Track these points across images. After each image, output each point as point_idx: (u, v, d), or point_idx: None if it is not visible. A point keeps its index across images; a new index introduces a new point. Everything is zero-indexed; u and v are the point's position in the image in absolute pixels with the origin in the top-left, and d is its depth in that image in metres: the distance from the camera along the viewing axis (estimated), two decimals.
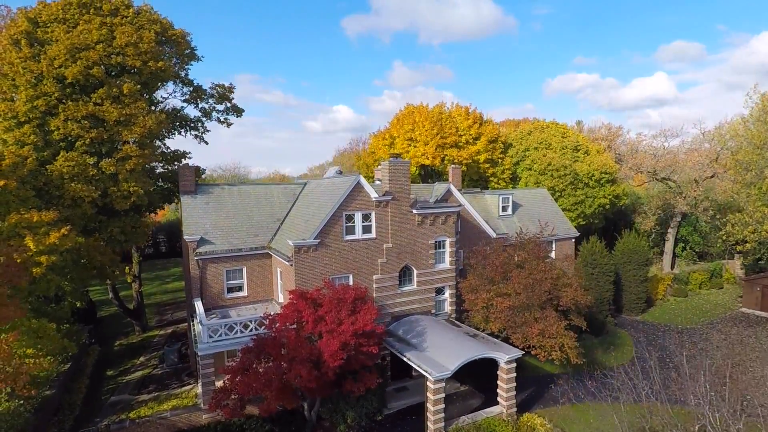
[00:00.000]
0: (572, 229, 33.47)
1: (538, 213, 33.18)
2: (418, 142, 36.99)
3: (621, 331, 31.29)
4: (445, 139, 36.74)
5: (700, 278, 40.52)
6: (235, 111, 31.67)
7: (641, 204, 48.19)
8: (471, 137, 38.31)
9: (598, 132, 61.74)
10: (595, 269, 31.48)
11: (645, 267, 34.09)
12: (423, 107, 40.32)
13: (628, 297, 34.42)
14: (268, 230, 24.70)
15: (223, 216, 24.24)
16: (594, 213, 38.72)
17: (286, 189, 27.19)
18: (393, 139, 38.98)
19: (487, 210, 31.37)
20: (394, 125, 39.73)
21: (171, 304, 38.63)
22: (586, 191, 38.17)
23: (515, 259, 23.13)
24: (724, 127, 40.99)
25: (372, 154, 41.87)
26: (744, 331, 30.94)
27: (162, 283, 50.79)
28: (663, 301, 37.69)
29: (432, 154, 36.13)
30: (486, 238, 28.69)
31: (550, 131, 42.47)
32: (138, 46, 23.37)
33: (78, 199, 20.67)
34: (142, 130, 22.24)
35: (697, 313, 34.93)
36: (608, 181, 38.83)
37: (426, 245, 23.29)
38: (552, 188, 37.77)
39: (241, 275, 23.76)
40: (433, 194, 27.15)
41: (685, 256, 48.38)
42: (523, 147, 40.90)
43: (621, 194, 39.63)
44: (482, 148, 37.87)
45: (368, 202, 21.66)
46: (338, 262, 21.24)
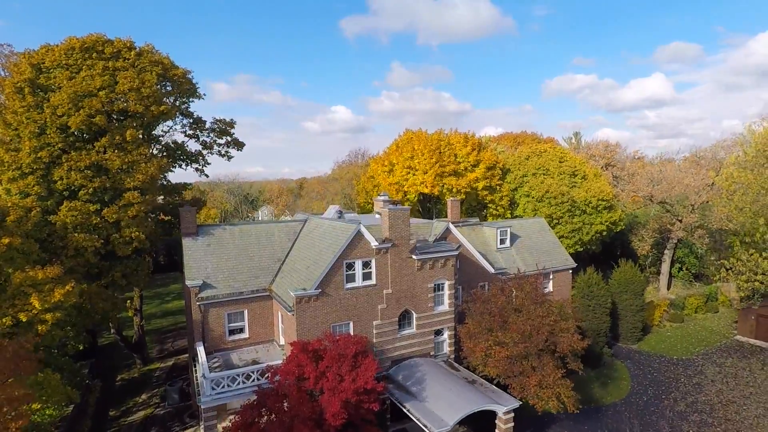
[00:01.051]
0: (569, 260, 33.83)
1: (536, 244, 33.53)
2: (417, 171, 37.29)
3: (617, 362, 31.66)
4: (444, 167, 37.05)
5: (695, 303, 40.95)
6: (236, 145, 31.93)
7: (638, 224, 48.58)
8: (470, 164, 38.63)
9: (595, 149, 62.20)
10: (592, 301, 31.83)
11: (641, 296, 34.47)
12: (422, 134, 40.64)
13: (624, 326, 34.81)
14: (269, 271, 24.97)
15: (224, 258, 24.50)
16: (591, 240, 39.11)
17: (287, 227, 27.45)
18: (392, 166, 39.26)
19: (486, 243, 31.69)
20: (393, 152, 40.01)
21: (172, 331, 38.86)
22: (583, 218, 38.55)
23: (514, 303, 23.44)
24: (720, 163, 41.55)
25: (371, 179, 42.15)
26: (738, 362, 31.34)
27: (162, 302, 51.01)
28: (659, 328, 38.10)
29: (431, 182, 36.44)
30: (484, 273, 29.04)
31: (547, 156, 42.82)
32: (140, 90, 23.61)
33: (81, 249, 20.89)
34: (145, 177, 22.49)
35: (692, 341, 35.34)
36: (605, 208, 39.21)
37: (425, 289, 23.61)
38: (550, 216, 38.12)
39: (243, 318, 24.04)
40: (432, 232, 27.45)
41: (682, 276, 48.86)
42: (521, 173, 41.24)
43: (617, 220, 40.00)
44: (481, 175, 38.20)
45: (368, 249, 21.95)
46: (339, 310, 21.54)
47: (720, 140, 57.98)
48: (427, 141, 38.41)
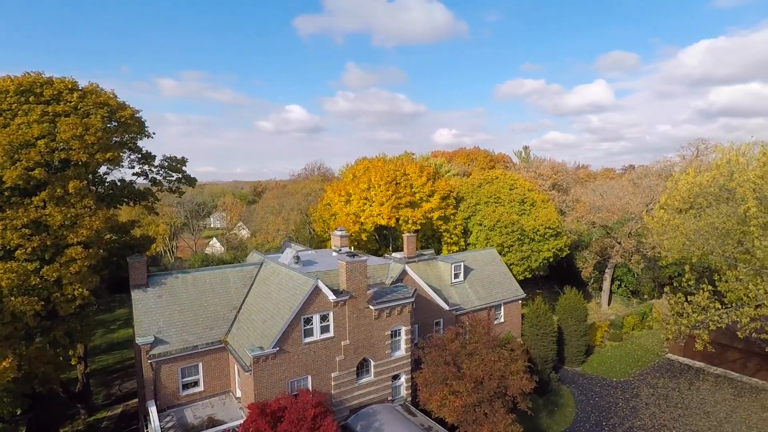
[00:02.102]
0: (519, 290, 35.46)
1: (489, 276, 34.89)
2: (374, 202, 37.74)
3: (563, 387, 33.57)
4: (401, 199, 37.73)
5: (632, 321, 44.03)
6: (188, 182, 31.01)
7: (583, 245, 51.45)
8: (425, 194, 39.54)
9: (543, 168, 65.28)
10: (540, 330, 33.55)
11: (584, 322, 36.69)
12: (379, 163, 41.15)
13: (569, 349, 36.92)
14: (225, 320, 24.54)
15: (177, 310, 23.83)
16: (539, 266, 41.12)
17: (242, 272, 27.03)
18: (349, 196, 39.49)
19: (440, 278, 32.62)
20: (350, 182, 40.24)
21: (119, 371, 37.12)
22: (532, 246, 40.46)
23: (467, 347, 24.34)
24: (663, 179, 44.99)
25: (327, 207, 42.17)
26: (669, 383, 34.10)
27: (107, 331, 48.55)
28: (600, 348, 40.67)
29: (387, 214, 36.99)
30: (439, 311, 29.93)
31: (498, 183, 44.55)
32: (84, 138, 22.48)
33: (19, 314, 19.69)
34: (89, 231, 21.47)
35: (629, 361, 38.02)
36: (552, 236, 41.34)
37: (383, 336, 24.06)
38: (501, 244, 39.72)
39: (198, 371, 23.49)
40: (389, 274, 27.97)
41: (621, 293, 52.33)
42: (474, 201, 42.68)
43: (563, 246, 42.26)
44: (436, 205, 39.19)
45: (326, 303, 22.11)
46: (297, 365, 21.56)
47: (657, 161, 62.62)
48: (383, 172, 38.93)
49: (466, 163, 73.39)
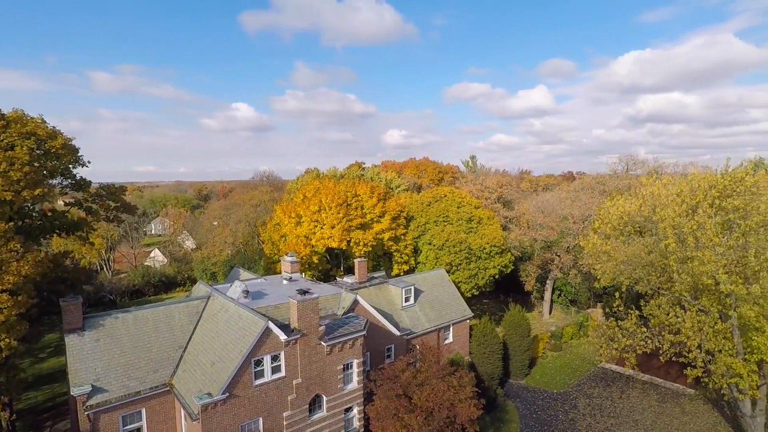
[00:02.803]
0: (467, 310, 36.74)
1: (438, 297, 35.88)
2: (325, 225, 37.65)
3: (509, 403, 35.14)
4: (352, 221, 37.90)
5: (571, 331, 46.83)
6: (127, 210, 29.49)
7: (526, 254, 53.95)
8: (376, 215, 39.95)
9: (489, 181, 67.75)
10: (487, 348, 34.97)
11: (527, 337, 38.59)
12: (329, 183, 41.06)
13: (514, 363, 38.70)
14: (170, 361, 23.65)
15: (117, 353, 22.67)
16: (486, 283, 42.76)
17: (188, 307, 26.12)
18: (299, 218, 39.13)
19: (392, 302, 33.15)
20: (300, 204, 39.87)
21: (50, 410, 34.56)
22: (479, 264, 41.99)
23: (418, 377, 24.95)
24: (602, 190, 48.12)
25: (277, 228, 41.54)
26: (603, 392, 36.67)
27: (36, 361, 45.02)
28: (542, 359, 42.92)
29: (339, 237, 37.04)
30: (391, 337, 30.43)
31: (447, 201, 45.82)
32: (8, 175, 20.87)
33: None
34: (16, 278, 19.96)
35: (568, 371, 40.44)
36: (497, 253, 43.11)
37: (335, 371, 24.16)
38: (449, 263, 40.92)
39: (141, 417, 22.48)
40: (341, 305, 28.09)
41: (561, 302, 55.49)
42: (424, 220, 43.66)
43: (508, 263, 44.19)
44: (386, 226, 39.71)
45: (277, 343, 21.90)
46: (248, 409, 21.20)
47: (592, 176, 66.78)
48: (334, 194, 38.92)
49: (416, 175, 74.81)
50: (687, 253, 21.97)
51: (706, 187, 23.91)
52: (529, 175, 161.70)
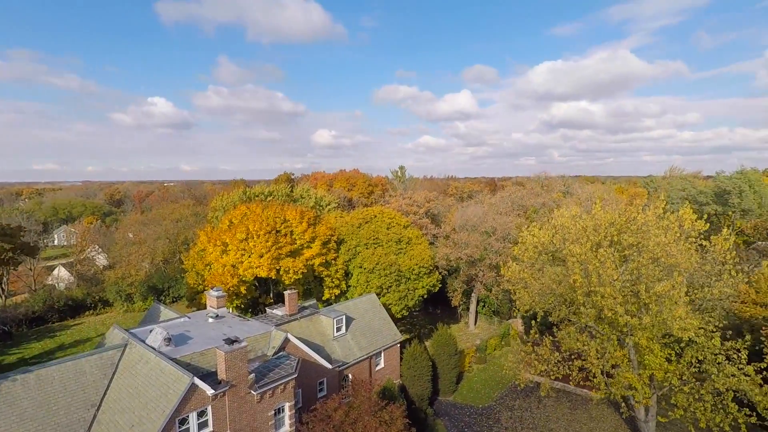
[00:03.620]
0: (398, 334, 37.67)
1: (369, 323, 36.39)
2: (253, 254, 36.63)
3: (438, 421, 36.47)
4: (281, 249, 37.23)
5: (494, 342, 49.72)
6: (26, 252, 26.60)
7: (453, 269, 56.25)
8: (306, 241, 39.59)
9: (417, 196, 69.79)
10: (417, 371, 36.13)
11: (455, 356, 40.40)
12: (257, 208, 39.97)
13: (443, 381, 40.31)
14: (81, 423, 21.79)
15: (15, 421, 20.45)
16: (415, 303, 44.09)
17: (102, 359, 24.19)
18: (226, 246, 37.69)
19: (323, 333, 33.10)
20: (226, 231, 38.40)
21: None
22: (408, 285, 43.18)
23: (350, 415, 25.21)
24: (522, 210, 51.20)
25: (201, 255, 39.67)
26: (523, 403, 39.40)
27: None
28: (469, 372, 45.14)
29: (268, 266, 36.23)
30: (323, 370, 30.39)
31: (377, 222, 46.56)
32: None
33: None
34: None
35: (492, 384, 42.93)
36: (426, 273, 44.62)
37: (266, 418, 23.70)
38: (380, 286, 41.66)
39: None
40: (270, 344, 27.58)
41: (485, 313, 58.63)
42: (355, 243, 44.00)
43: (435, 282, 45.90)
44: (317, 251, 39.51)
45: (204, 398, 21.06)
46: None
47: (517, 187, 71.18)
48: (262, 220, 37.98)
49: (346, 188, 74.97)
50: (591, 288, 24.39)
51: (606, 224, 26.65)
52: (455, 182, 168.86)
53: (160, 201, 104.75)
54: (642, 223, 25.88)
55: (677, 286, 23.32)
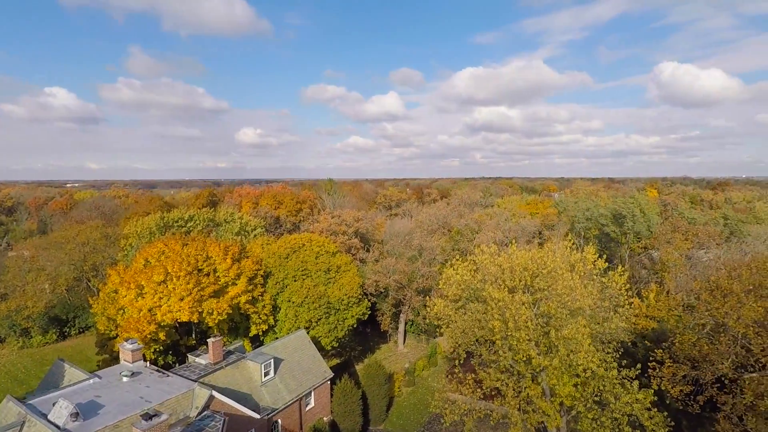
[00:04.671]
0: (328, 371, 37.65)
1: (299, 362, 35.98)
2: (173, 296, 34.60)
3: None
4: (204, 290, 35.56)
5: (422, 363, 51.38)
6: None
7: (382, 293, 57.25)
8: (231, 279, 38.17)
9: (346, 215, 69.93)
10: (347, 406, 36.39)
11: (385, 385, 41.21)
12: (176, 245, 37.79)
13: (374, 411, 40.90)
14: None
15: None
16: (345, 334, 44.28)
17: None
18: (141, 289, 35.20)
19: (251, 379, 32.18)
20: (141, 271, 35.85)
21: None
22: (338, 316, 43.26)
23: None
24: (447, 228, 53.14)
25: (113, 299, 36.70)
26: (449, 427, 41.18)
27: None
28: (398, 397, 46.22)
29: (189, 309, 34.42)
30: (252, 421, 29.57)
31: (305, 252, 46.05)
32: None
33: None
34: None
35: (420, 408, 44.36)
36: (355, 303, 44.96)
37: None
38: (309, 320, 41.31)
39: None
40: (193, 404, 26.33)
41: (413, 331, 60.32)
42: (282, 276, 43.18)
43: (365, 311, 46.40)
44: (243, 289, 38.24)
45: None
46: None
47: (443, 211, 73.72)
48: (182, 259, 35.99)
49: (273, 206, 73.10)
50: (508, 333, 26.22)
51: (520, 268, 28.76)
52: (384, 189, 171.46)
53: (63, 216, 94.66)
54: (552, 268, 28.24)
55: (581, 329, 25.84)
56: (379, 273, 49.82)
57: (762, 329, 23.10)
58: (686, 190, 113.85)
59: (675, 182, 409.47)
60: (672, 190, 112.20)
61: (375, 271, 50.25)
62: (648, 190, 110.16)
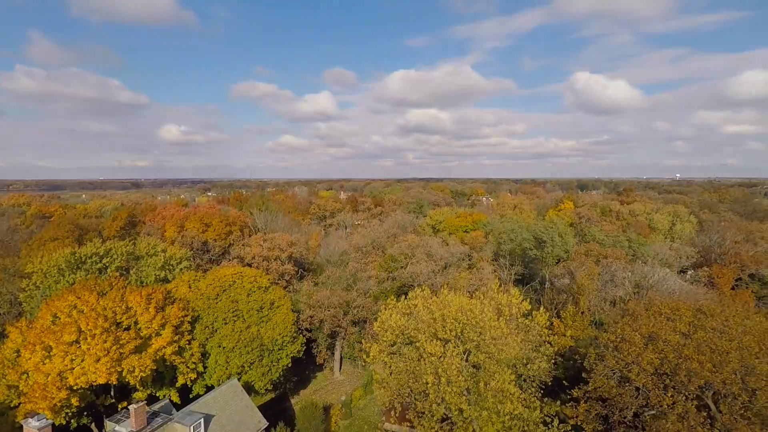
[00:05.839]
0: (262, 419, 36.63)
1: (232, 415, 34.65)
2: (87, 358, 31.79)
3: None
4: (123, 347, 33.04)
5: (358, 394, 51.63)
6: None
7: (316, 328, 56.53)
8: (155, 330, 35.83)
9: (280, 239, 68.32)
10: None
11: (322, 424, 40.93)
12: (91, 297, 34.74)
13: None
14: None
15: None
16: (279, 375, 43.32)
17: None
18: (49, 351, 31.95)
19: None
20: (47, 331, 32.49)
21: None
22: (272, 357, 42.19)
23: None
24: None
25: (14, 362, 32.92)
26: None
27: None
28: (335, 430, 46.16)
29: (107, 370, 31.82)
30: None
31: (236, 290, 44.40)
32: None
33: None
34: None
35: None
36: (289, 342, 44.11)
37: None
38: (242, 365, 39.91)
39: None
40: None
41: (349, 356, 60.40)
42: (212, 319, 41.29)
43: (300, 348, 45.67)
44: (168, 339, 36.04)
45: None
46: None
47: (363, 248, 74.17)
48: (98, 315, 33.15)
49: (200, 230, 69.39)
50: (441, 388, 27.21)
51: (452, 320, 29.94)
52: (318, 199, 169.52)
53: None
54: (480, 319, 29.71)
55: (507, 382, 27.52)
56: (314, 308, 49.26)
57: (659, 380, 26.06)
58: (597, 201, 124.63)
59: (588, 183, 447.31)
60: (585, 201, 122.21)
61: (310, 305, 49.62)
62: (565, 202, 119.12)
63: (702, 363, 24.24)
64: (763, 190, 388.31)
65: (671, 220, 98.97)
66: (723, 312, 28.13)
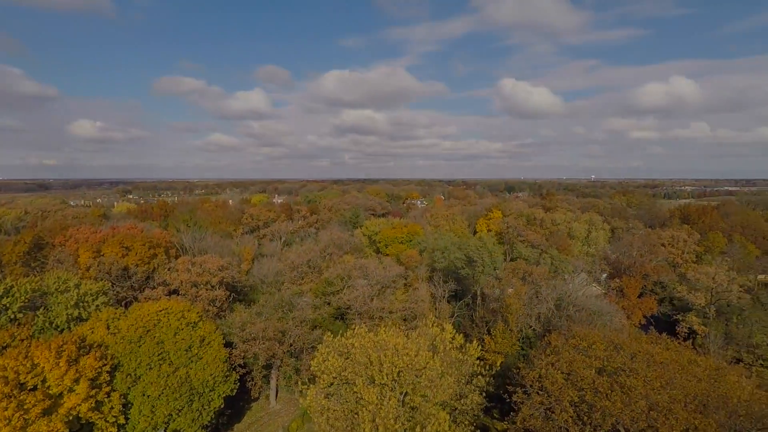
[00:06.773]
0: None
1: None
2: None
3: None
4: (30, 412, 29.81)
5: (296, 425, 50.66)
6: None
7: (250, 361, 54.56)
8: (67, 386, 32.70)
9: (210, 263, 65.03)
10: None
11: None
12: None
13: None
14: None
15: None
16: (211, 418, 41.33)
17: None
18: None
19: None
20: None
21: None
22: (203, 400, 40.16)
23: None
24: None
25: None
26: None
27: None
28: None
29: None
30: None
31: (161, 330, 41.73)
32: None
33: None
34: None
35: None
36: (222, 381, 42.22)
37: None
38: (169, 414, 37.61)
39: None
40: None
41: (285, 385, 59.08)
42: (135, 365, 38.46)
43: (233, 386, 43.86)
44: (83, 396, 33.07)
45: None
46: None
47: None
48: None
49: (120, 254, 64.15)
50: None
51: (389, 364, 30.30)
52: (251, 207, 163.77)
53: None
54: (416, 361, 30.35)
55: (443, 420, 28.33)
56: (247, 342, 47.56)
57: (578, 418, 28.25)
58: (522, 209, 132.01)
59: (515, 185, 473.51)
60: (512, 209, 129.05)
61: (243, 339, 47.84)
62: (494, 211, 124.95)
63: (613, 401, 26.71)
64: (663, 191, 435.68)
65: (587, 228, 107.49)
66: (631, 346, 31.20)
